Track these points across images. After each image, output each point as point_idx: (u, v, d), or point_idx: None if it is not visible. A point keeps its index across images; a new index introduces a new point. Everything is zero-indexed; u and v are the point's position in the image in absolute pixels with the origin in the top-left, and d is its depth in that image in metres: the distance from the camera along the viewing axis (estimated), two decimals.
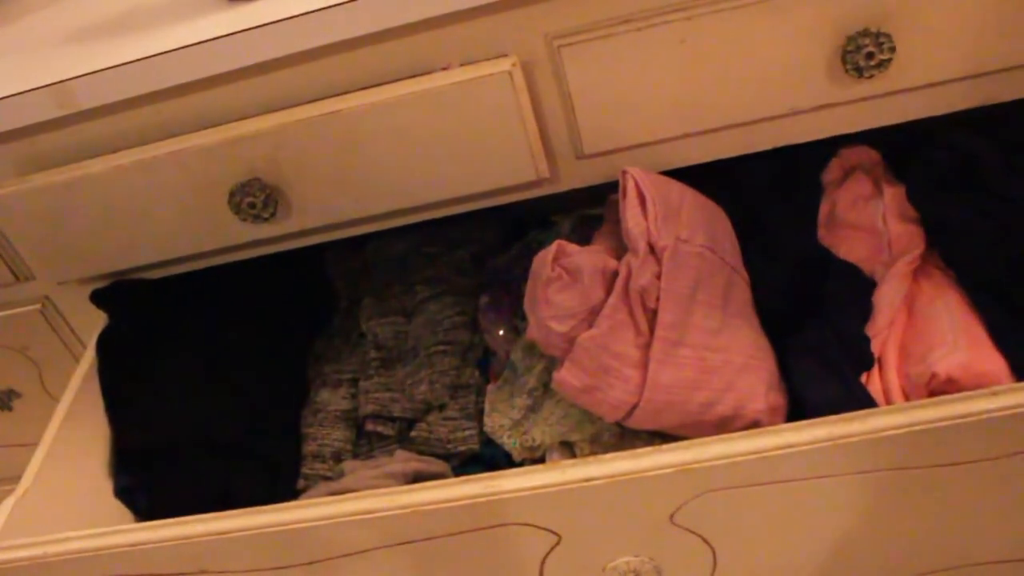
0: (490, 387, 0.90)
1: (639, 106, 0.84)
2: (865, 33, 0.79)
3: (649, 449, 0.67)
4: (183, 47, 0.81)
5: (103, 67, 0.82)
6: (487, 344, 0.94)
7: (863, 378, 0.78)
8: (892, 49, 0.79)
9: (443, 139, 0.84)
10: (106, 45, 0.87)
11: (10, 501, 0.80)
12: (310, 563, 0.73)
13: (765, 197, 0.94)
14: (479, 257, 1.02)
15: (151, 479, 0.91)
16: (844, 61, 0.80)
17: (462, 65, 0.82)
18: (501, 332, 0.93)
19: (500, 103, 0.82)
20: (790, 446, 0.63)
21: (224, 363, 0.94)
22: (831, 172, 0.95)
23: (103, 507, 0.89)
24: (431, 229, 1.00)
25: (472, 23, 0.80)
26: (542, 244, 0.97)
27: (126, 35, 0.87)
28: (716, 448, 0.65)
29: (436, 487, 0.69)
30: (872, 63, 0.80)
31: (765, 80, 0.82)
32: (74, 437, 0.89)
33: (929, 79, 0.82)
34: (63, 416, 0.88)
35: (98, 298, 0.97)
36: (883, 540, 0.72)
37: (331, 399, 0.93)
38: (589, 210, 1.01)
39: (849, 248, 0.88)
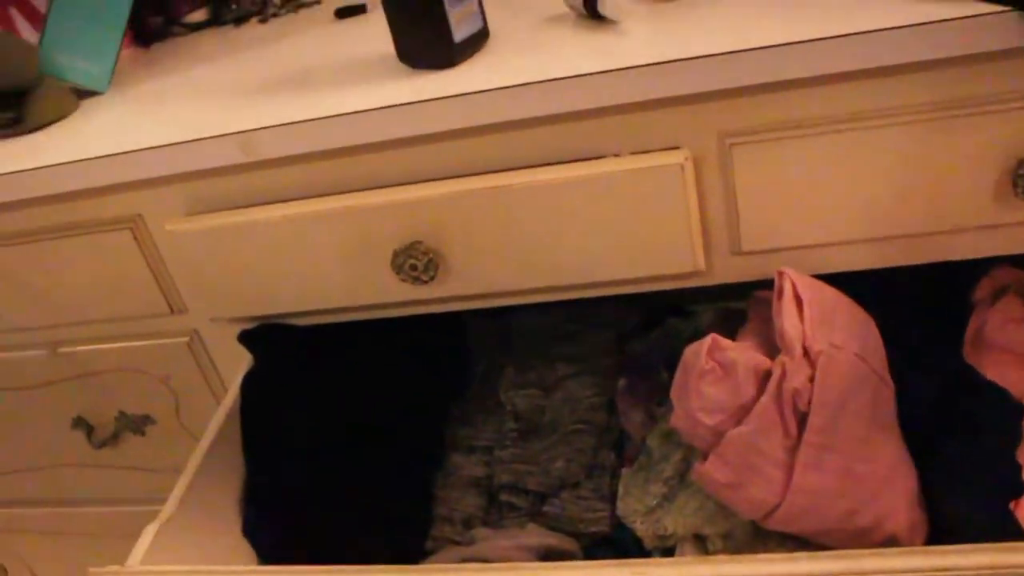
0: (625, 471, 0.90)
1: (801, 209, 0.85)
2: None
3: (804, 554, 0.66)
4: (365, 111, 0.84)
5: (288, 121, 0.86)
6: (623, 427, 0.95)
7: (1011, 505, 0.76)
8: None
9: (606, 223, 0.85)
10: (288, 99, 0.91)
11: (153, 527, 0.83)
12: None
13: (911, 309, 0.93)
14: (618, 339, 1.03)
15: (277, 521, 0.93)
16: (1015, 184, 0.80)
17: (632, 153, 0.84)
18: (638, 417, 0.93)
19: (668, 194, 0.83)
20: (954, 569, 0.62)
21: (362, 416, 0.96)
22: (981, 290, 0.94)
23: (233, 542, 0.91)
24: (572, 306, 1.01)
25: (648, 113, 0.82)
26: (680, 333, 0.98)
27: (307, 92, 0.92)
28: (871, 562, 0.64)
29: (579, 568, 0.69)
30: None
31: (930, 196, 0.82)
32: (214, 471, 0.91)
33: None
34: (206, 449, 0.91)
35: (246, 339, 1.01)
36: None
37: (463, 464, 0.95)
38: (727, 303, 1.02)
39: (998, 370, 0.87)
